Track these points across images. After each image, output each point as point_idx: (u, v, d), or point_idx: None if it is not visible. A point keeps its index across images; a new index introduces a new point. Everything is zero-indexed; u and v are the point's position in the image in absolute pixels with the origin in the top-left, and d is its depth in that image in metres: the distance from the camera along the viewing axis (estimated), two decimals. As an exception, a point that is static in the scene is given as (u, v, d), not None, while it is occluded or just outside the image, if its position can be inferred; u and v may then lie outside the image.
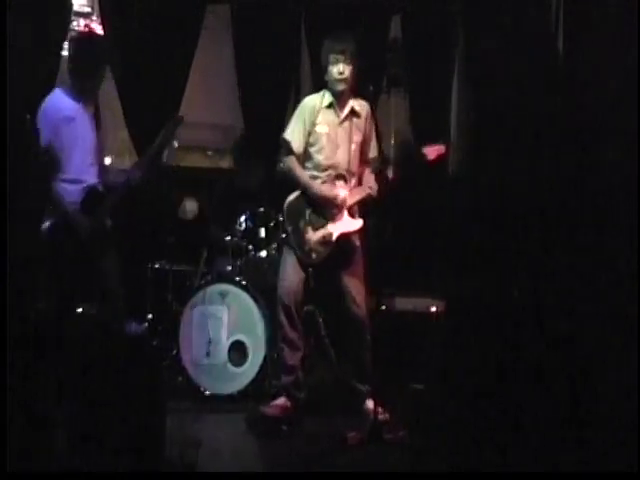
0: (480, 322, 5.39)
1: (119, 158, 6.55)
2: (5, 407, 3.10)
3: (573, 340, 4.44)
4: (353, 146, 4.73)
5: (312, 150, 4.76)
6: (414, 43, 6.73)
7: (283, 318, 4.70)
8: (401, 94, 6.93)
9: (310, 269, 4.83)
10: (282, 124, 6.54)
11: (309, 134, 4.74)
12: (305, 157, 4.79)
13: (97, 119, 4.81)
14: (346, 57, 4.65)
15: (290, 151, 4.76)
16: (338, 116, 4.76)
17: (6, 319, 3.09)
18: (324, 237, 4.68)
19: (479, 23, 6.39)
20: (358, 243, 4.78)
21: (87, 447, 3.81)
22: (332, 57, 4.67)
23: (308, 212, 4.73)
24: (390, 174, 4.60)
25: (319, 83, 6.45)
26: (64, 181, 4.71)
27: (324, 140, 4.74)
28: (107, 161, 4.98)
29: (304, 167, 4.78)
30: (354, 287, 4.69)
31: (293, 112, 5.73)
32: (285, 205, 4.81)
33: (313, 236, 4.69)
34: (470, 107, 6.59)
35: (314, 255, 4.69)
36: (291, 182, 4.80)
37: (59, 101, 4.78)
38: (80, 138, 4.74)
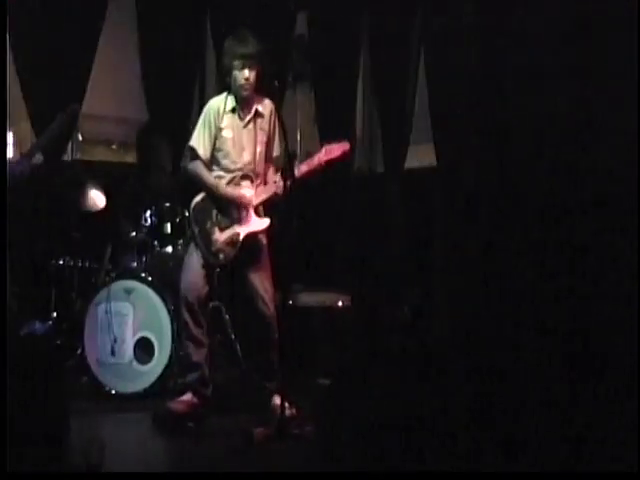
0: (385, 316, 5.50)
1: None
2: (5, 407, 3.03)
3: (574, 337, 4.55)
4: (258, 147, 4.74)
5: (218, 155, 4.74)
6: (320, 40, 6.77)
7: (187, 315, 4.68)
8: (306, 90, 6.97)
9: (217, 269, 4.82)
10: (187, 117, 6.55)
11: (215, 139, 4.72)
12: (212, 161, 4.76)
13: None
14: (251, 62, 4.61)
15: (196, 157, 4.74)
16: (242, 119, 4.74)
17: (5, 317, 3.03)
18: (231, 237, 4.68)
19: (385, 20, 6.50)
20: (265, 242, 4.80)
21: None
22: (236, 62, 4.62)
23: (215, 213, 4.73)
24: (296, 171, 4.59)
25: (224, 77, 6.51)
26: None
27: (229, 144, 4.72)
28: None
29: (211, 170, 4.76)
30: (261, 286, 4.71)
31: (198, 104, 5.75)
32: (191, 206, 4.79)
33: (220, 237, 4.69)
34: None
35: (221, 256, 4.70)
36: (197, 185, 4.78)
37: None
38: None
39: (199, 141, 4.74)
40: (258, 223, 4.73)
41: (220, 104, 4.75)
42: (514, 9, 5.02)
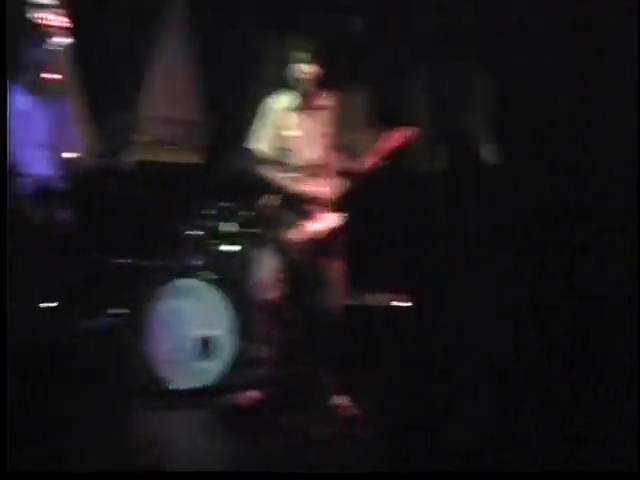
0: (447, 317, 5.47)
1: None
2: (5, 407, 3.07)
3: (574, 337, 4.53)
4: (322, 141, 4.72)
5: (282, 153, 4.73)
6: (375, 36, 6.78)
7: (257, 313, 4.70)
8: (363, 87, 6.96)
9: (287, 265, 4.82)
10: (244, 118, 6.57)
11: (277, 137, 4.72)
12: (276, 160, 4.75)
13: (61, 114, 4.75)
14: (310, 56, 4.62)
15: (260, 158, 4.75)
16: (304, 115, 4.73)
17: (6, 318, 3.07)
18: (303, 235, 4.68)
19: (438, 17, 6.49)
20: (337, 238, 4.76)
21: (52, 444, 3.80)
22: (296, 56, 4.64)
23: (285, 211, 4.70)
24: (364, 164, 4.59)
25: (282, 77, 6.53)
26: (17, 174, 4.65)
27: (293, 142, 4.71)
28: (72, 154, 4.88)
29: (276, 169, 4.75)
30: (333, 283, 4.70)
31: (254, 106, 5.74)
32: (261, 208, 4.79)
33: (292, 234, 4.68)
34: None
35: (294, 253, 4.69)
36: (264, 185, 4.77)
37: (19, 95, 4.76)
38: (34, 132, 4.71)
39: (260, 142, 4.75)
40: (330, 219, 4.71)
41: (280, 102, 4.77)
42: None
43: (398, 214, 6.45)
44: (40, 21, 6.61)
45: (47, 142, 4.74)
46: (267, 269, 4.71)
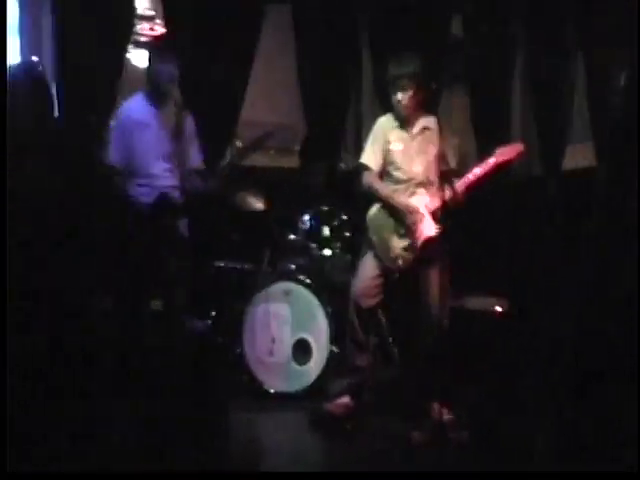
0: (545, 323, 5.35)
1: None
2: (5, 407, 3.13)
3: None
4: (429, 157, 4.75)
5: (389, 168, 4.81)
6: (475, 40, 6.69)
7: (355, 319, 4.70)
8: (462, 92, 6.89)
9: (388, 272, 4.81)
10: (343, 123, 6.62)
11: (385, 153, 4.80)
12: (383, 175, 4.84)
13: (178, 125, 4.71)
14: (405, 83, 4.67)
15: (368, 171, 4.84)
16: (409, 133, 4.80)
17: (6, 318, 3.15)
18: (409, 244, 4.67)
19: (540, 19, 6.36)
20: (441, 247, 4.71)
21: (150, 443, 3.89)
22: (392, 83, 4.73)
23: (392, 221, 4.73)
24: (471, 175, 4.58)
25: (380, 83, 6.53)
26: (139, 185, 4.78)
27: (399, 156, 4.78)
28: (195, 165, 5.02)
29: (383, 182, 4.84)
30: (437, 291, 4.66)
31: (354, 112, 5.83)
32: (368, 216, 4.82)
33: (399, 244, 4.69)
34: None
35: (400, 262, 4.68)
36: (372, 196, 4.84)
37: (136, 106, 4.87)
38: (155, 143, 4.77)
39: (370, 156, 4.83)
40: (434, 229, 4.67)
41: (387, 121, 4.87)
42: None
43: (500, 221, 6.37)
44: (147, 31, 6.85)
45: (167, 153, 4.79)
46: (370, 276, 4.71)
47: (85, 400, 3.53)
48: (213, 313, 5.68)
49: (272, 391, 5.17)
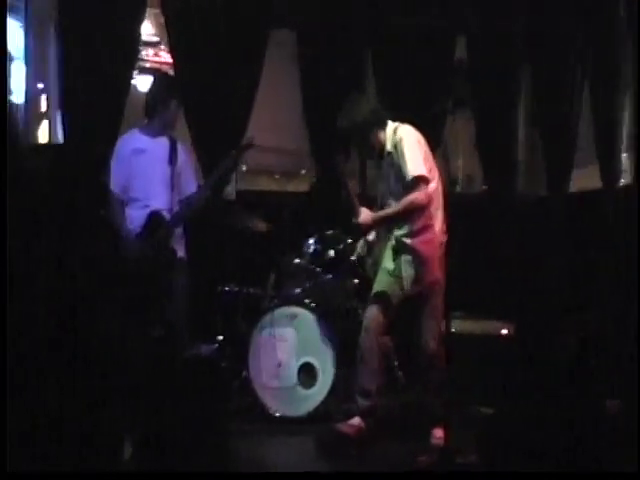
0: (549, 345, 5.33)
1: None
2: (5, 407, 3.12)
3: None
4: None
5: None
6: (479, 63, 6.72)
7: (366, 343, 4.66)
8: (467, 115, 6.91)
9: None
10: (347, 148, 6.62)
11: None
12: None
13: (172, 153, 4.94)
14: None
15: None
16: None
17: (6, 321, 3.14)
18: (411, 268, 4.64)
19: (545, 41, 6.39)
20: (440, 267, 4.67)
21: (155, 468, 3.87)
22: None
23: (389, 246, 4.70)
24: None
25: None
26: (131, 208, 4.97)
27: None
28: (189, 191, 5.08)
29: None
30: (428, 318, 4.65)
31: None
32: (372, 239, 4.85)
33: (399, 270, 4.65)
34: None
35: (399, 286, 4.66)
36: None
37: (132, 136, 5.07)
38: (149, 168, 4.93)
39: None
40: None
41: None
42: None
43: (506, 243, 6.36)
44: (151, 57, 6.90)
45: (161, 178, 4.94)
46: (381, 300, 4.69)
47: (85, 401, 3.52)
48: (220, 337, 5.68)
49: (277, 415, 5.14)
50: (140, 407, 4.03)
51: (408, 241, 4.58)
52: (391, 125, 4.68)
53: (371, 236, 4.77)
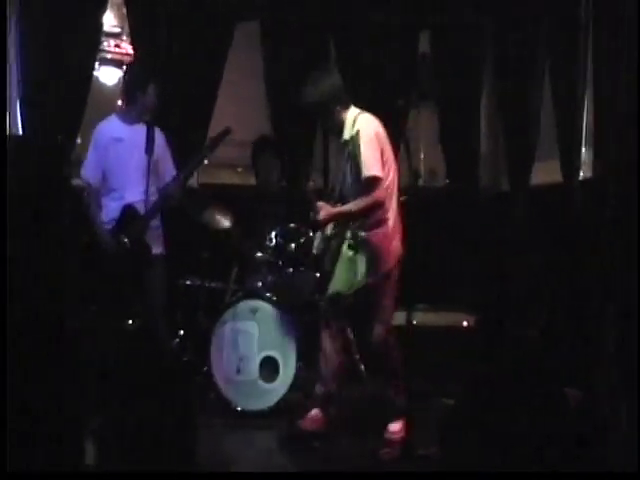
0: (511, 337, 5.37)
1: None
2: (5, 407, 3.09)
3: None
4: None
5: None
6: (443, 58, 6.74)
7: (324, 331, 4.69)
8: (430, 109, 6.94)
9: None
10: (311, 141, 6.62)
11: None
12: None
13: (148, 142, 4.88)
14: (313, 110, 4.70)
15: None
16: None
17: (6, 319, 3.11)
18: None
19: (508, 37, 6.42)
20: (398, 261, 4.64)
21: (118, 461, 3.84)
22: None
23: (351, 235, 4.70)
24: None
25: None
26: (108, 198, 4.98)
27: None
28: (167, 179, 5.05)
29: None
30: (379, 307, 4.62)
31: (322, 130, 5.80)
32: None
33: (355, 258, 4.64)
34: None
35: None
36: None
37: (110, 124, 5.06)
38: (127, 158, 4.94)
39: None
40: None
41: None
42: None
43: (467, 236, 6.40)
44: (112, 48, 6.84)
45: (136, 168, 4.92)
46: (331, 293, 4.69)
47: (84, 401, 3.50)
48: (181, 332, 5.65)
49: (239, 409, 5.13)
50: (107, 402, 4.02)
51: (363, 234, 4.56)
52: (353, 111, 4.64)
53: (329, 230, 4.74)
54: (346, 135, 4.58)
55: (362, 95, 5.36)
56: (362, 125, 4.53)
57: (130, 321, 4.75)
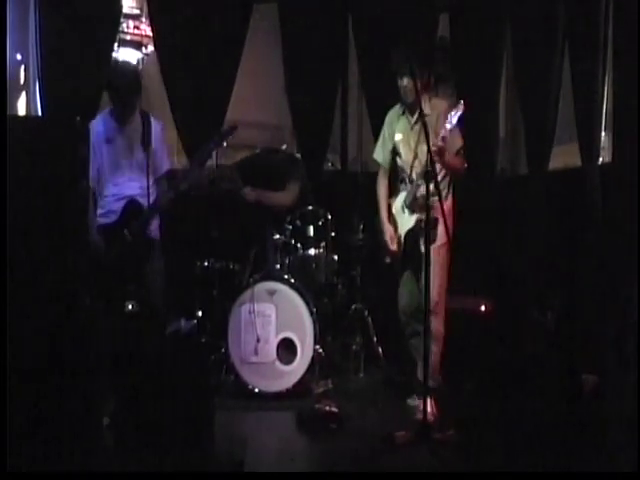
0: (528, 322, 5.36)
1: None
2: (5, 407, 3.11)
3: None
4: (424, 147, 4.56)
5: (397, 160, 4.98)
6: (462, 41, 6.69)
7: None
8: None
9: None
10: (329, 123, 6.60)
11: (393, 144, 4.96)
12: (392, 165, 5.02)
13: (144, 137, 4.92)
14: (406, 70, 4.68)
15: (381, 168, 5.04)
16: (409, 121, 4.89)
17: (6, 318, 3.12)
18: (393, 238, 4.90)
19: (527, 19, 6.36)
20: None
21: (133, 444, 3.88)
22: (398, 69, 4.80)
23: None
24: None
25: (366, 82, 6.51)
26: (107, 197, 4.99)
27: (401, 147, 4.92)
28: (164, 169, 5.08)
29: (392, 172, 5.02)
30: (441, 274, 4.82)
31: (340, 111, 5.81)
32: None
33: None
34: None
35: (387, 258, 4.91)
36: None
37: (101, 124, 5.03)
38: (121, 156, 4.97)
39: (378, 151, 5.07)
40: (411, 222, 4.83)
41: (394, 111, 5.02)
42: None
43: (485, 219, 6.37)
44: (134, 30, 6.83)
45: (133, 165, 4.97)
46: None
47: (84, 400, 3.52)
48: (199, 313, 5.67)
49: (257, 390, 5.16)
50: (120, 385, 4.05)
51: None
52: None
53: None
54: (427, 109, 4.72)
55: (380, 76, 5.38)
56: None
57: (130, 305, 4.76)
